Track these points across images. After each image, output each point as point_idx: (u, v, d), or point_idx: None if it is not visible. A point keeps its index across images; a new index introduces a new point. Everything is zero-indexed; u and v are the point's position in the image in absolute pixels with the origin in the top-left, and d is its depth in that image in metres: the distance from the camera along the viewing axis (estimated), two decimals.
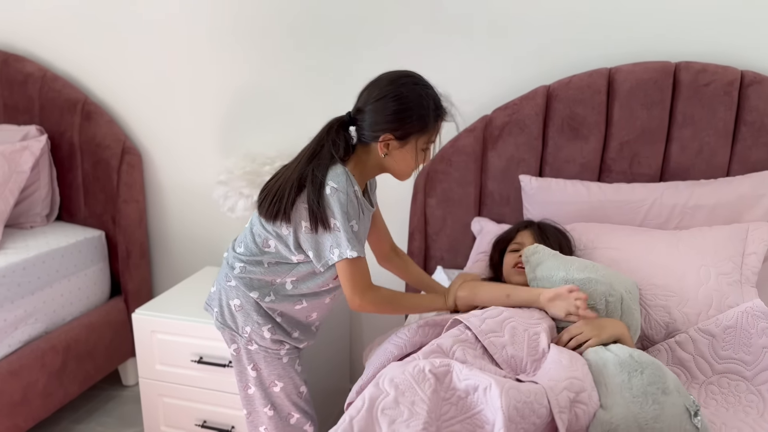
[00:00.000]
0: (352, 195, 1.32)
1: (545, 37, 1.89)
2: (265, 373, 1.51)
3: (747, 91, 1.72)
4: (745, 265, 1.54)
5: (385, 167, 1.39)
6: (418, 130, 1.32)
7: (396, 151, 1.34)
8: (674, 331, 1.47)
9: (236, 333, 1.49)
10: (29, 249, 2.09)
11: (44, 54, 2.40)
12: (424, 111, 1.31)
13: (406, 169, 1.38)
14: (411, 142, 1.33)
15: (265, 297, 1.45)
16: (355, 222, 1.33)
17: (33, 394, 1.98)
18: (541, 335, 1.26)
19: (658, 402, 1.13)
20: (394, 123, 1.31)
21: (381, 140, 1.32)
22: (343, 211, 1.30)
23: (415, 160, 1.37)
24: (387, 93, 1.30)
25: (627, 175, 1.84)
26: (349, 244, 1.31)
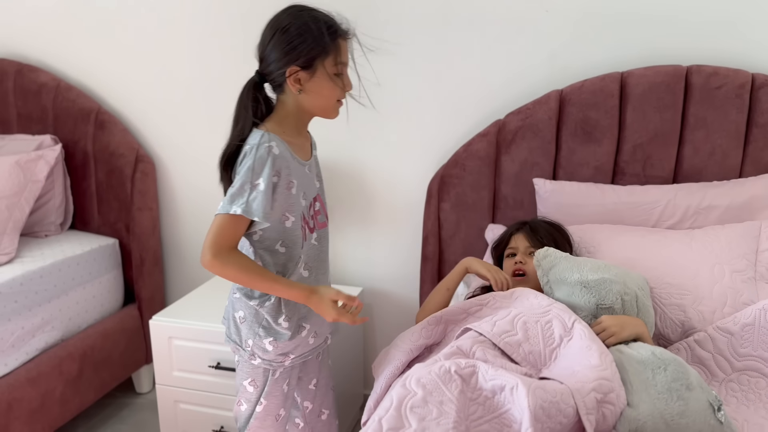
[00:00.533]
0: (262, 150, 1.26)
1: (557, 42, 1.91)
2: (260, 390, 1.45)
3: (758, 94, 1.74)
4: (759, 262, 1.56)
5: (308, 108, 1.34)
6: (320, 52, 1.27)
7: (308, 83, 1.29)
8: (690, 329, 1.49)
9: (240, 347, 1.43)
10: (45, 257, 2.11)
11: (58, 64, 2.42)
12: (317, 31, 1.27)
13: (328, 101, 1.33)
14: (318, 68, 1.28)
15: (265, 302, 1.37)
16: (261, 180, 1.25)
17: (51, 401, 1.99)
18: (553, 322, 1.27)
19: (683, 398, 1.14)
20: (293, 52, 1.27)
21: (289, 76, 1.28)
22: (248, 168, 1.25)
23: (332, 88, 1.31)
24: (275, 29, 1.29)
25: (640, 178, 1.86)
26: (245, 204, 1.24)
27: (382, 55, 2.06)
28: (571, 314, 1.31)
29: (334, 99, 1.34)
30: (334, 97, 1.34)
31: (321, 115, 1.37)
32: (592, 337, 1.24)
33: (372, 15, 2.04)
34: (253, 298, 1.39)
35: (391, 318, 2.30)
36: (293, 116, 1.36)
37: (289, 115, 1.36)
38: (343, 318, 1.32)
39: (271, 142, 1.28)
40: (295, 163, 1.34)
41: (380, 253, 2.25)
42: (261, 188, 1.25)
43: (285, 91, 1.33)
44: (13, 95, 2.40)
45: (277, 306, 1.38)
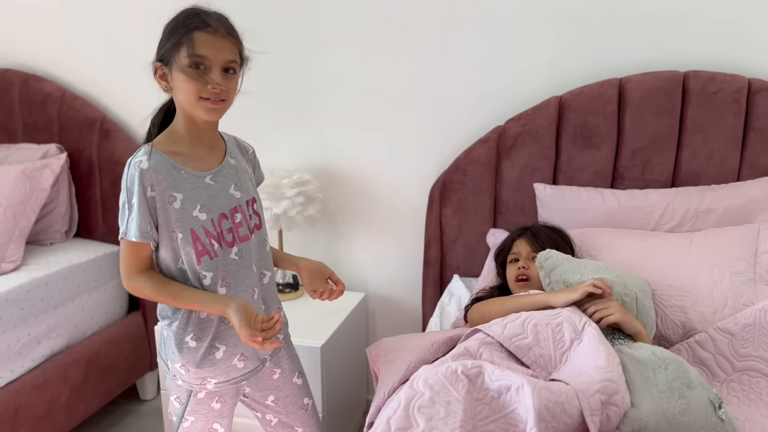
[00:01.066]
0: (131, 168, 1.22)
1: (556, 48, 1.94)
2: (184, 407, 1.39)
3: (755, 98, 1.77)
4: (758, 264, 1.58)
5: (186, 109, 1.26)
6: (173, 44, 1.22)
7: (174, 80, 1.23)
8: (691, 330, 1.50)
9: (166, 365, 1.39)
10: (51, 265, 2.12)
11: (63, 74, 2.45)
12: (173, 24, 1.24)
13: (188, 96, 1.22)
14: (173, 61, 1.22)
15: (173, 321, 1.32)
16: (135, 199, 1.21)
17: (57, 408, 2.00)
18: (563, 325, 1.28)
19: (684, 396, 1.16)
20: (157, 52, 1.26)
21: (154, 72, 1.26)
22: (123, 188, 1.24)
23: (187, 82, 1.21)
24: None
25: (639, 182, 1.89)
26: (125, 226, 1.24)
27: (383, 61, 2.09)
28: (582, 316, 1.31)
29: (193, 96, 1.22)
30: (191, 93, 1.22)
31: (191, 113, 1.26)
32: (601, 339, 1.25)
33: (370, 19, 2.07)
34: (165, 317, 1.34)
35: (394, 323, 2.32)
36: (183, 123, 1.28)
37: (178, 123, 1.29)
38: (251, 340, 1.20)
39: (141, 156, 1.23)
40: (183, 175, 1.25)
41: (382, 258, 2.27)
42: (135, 207, 1.21)
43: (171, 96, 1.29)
44: (19, 105, 2.43)
45: (185, 323, 1.31)
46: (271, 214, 2.03)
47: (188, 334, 1.32)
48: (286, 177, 2.07)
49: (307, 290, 1.47)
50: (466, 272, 2.08)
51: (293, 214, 2.04)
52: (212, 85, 1.21)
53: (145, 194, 1.21)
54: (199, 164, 1.29)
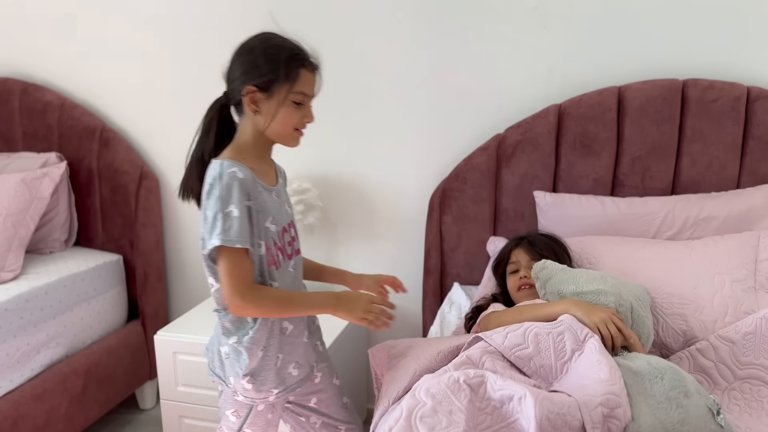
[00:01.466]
0: (226, 178, 1.23)
1: (555, 57, 1.95)
2: (243, 420, 1.40)
3: (754, 106, 1.77)
4: (758, 271, 1.58)
5: (267, 133, 1.32)
6: (279, 78, 1.26)
7: (264, 104, 1.28)
8: (692, 338, 1.50)
9: (223, 382, 1.39)
10: (50, 274, 2.12)
11: (62, 83, 2.45)
12: (280, 57, 1.27)
13: (283, 128, 1.30)
14: (276, 92, 1.27)
15: (243, 337, 1.32)
16: (234, 207, 1.22)
17: (56, 418, 1.99)
18: (565, 334, 1.28)
19: (682, 405, 1.15)
20: (251, 73, 1.27)
21: (245, 94, 1.28)
22: (217, 196, 1.23)
23: (288, 115, 1.29)
24: (241, 51, 1.31)
25: (639, 190, 1.89)
26: (217, 230, 1.21)
27: (383, 72, 2.10)
28: (583, 327, 1.30)
29: (290, 127, 1.31)
30: (289, 124, 1.31)
31: (278, 141, 1.35)
32: (603, 351, 1.24)
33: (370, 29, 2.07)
34: (231, 335, 1.33)
35: (394, 331, 2.31)
36: (252, 141, 1.33)
37: (248, 141, 1.33)
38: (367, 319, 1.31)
39: (232, 168, 1.25)
40: (260, 188, 1.30)
41: (382, 266, 2.26)
42: (235, 215, 1.22)
43: (245, 114, 1.32)
44: (18, 114, 2.43)
45: (257, 338, 1.32)
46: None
47: (260, 348, 1.33)
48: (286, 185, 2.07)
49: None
50: (467, 280, 2.08)
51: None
52: (308, 120, 1.34)
53: (243, 202, 1.24)
54: (266, 179, 1.34)
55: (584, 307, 1.34)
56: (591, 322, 1.31)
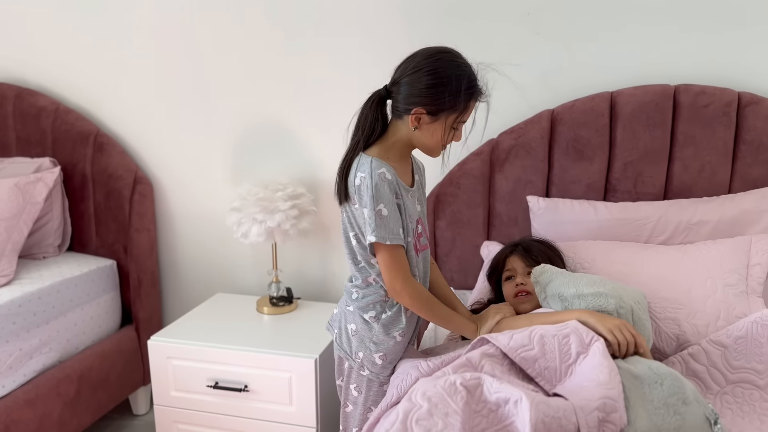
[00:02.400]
0: (376, 178, 1.32)
1: (548, 63, 1.96)
2: (365, 396, 1.50)
3: (745, 112, 1.79)
4: (750, 276, 1.59)
5: (415, 143, 1.40)
6: (450, 107, 1.32)
7: (426, 125, 1.35)
8: (685, 342, 1.51)
9: (350, 357, 1.49)
10: (43, 279, 2.11)
11: (56, 88, 2.45)
12: (458, 88, 1.31)
13: (435, 145, 1.38)
14: (442, 118, 1.34)
15: (381, 314, 1.44)
16: (383, 206, 1.32)
17: (48, 423, 1.98)
18: (570, 337, 1.27)
19: (679, 413, 1.15)
20: (426, 97, 1.32)
21: (413, 113, 1.33)
22: (370, 195, 1.32)
23: (444, 136, 1.36)
24: (423, 66, 1.32)
25: (632, 194, 1.90)
26: (376, 230, 1.32)
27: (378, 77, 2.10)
28: (589, 330, 1.31)
29: (440, 144, 1.39)
30: (440, 142, 1.38)
31: (424, 151, 1.42)
32: (605, 354, 1.24)
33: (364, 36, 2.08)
34: (368, 310, 1.44)
35: None
36: (400, 144, 1.40)
37: (397, 142, 1.40)
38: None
39: (381, 168, 1.33)
40: (401, 188, 1.39)
41: None
42: (384, 213, 1.33)
43: (403, 120, 1.37)
44: (12, 119, 2.42)
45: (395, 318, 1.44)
46: (265, 227, 2.03)
47: (397, 330, 1.44)
48: (280, 190, 2.08)
49: None
50: (460, 285, 2.08)
51: (287, 227, 2.04)
52: (458, 140, 1.41)
53: (393, 201, 1.34)
54: (404, 179, 1.42)
55: (597, 315, 1.35)
56: (605, 328, 1.31)
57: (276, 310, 2.17)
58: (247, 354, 1.90)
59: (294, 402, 1.88)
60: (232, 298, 2.33)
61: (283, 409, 1.90)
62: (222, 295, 2.37)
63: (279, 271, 2.23)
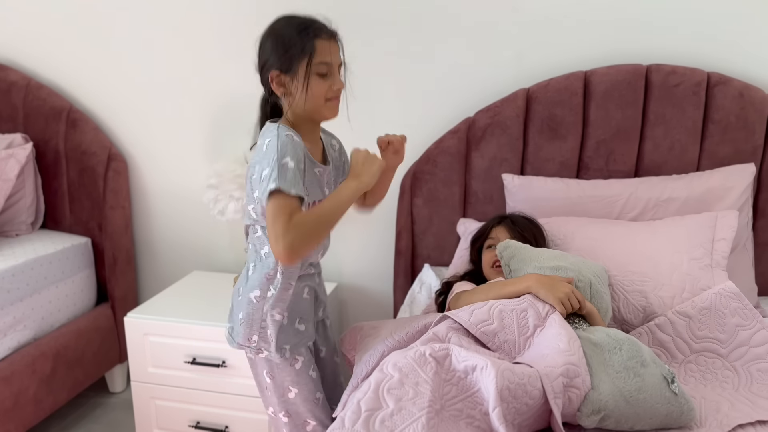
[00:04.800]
0: (283, 137, 1.27)
1: (523, 42, 1.98)
2: (278, 380, 1.46)
3: (713, 91, 1.83)
4: (715, 250, 1.64)
5: (301, 111, 1.35)
6: (296, 54, 1.29)
7: (292, 85, 1.32)
8: (651, 314, 1.56)
9: (245, 346, 1.44)
10: (17, 256, 2.09)
11: (28, 63, 2.40)
12: (293, 34, 1.30)
13: (315, 101, 1.32)
14: (298, 69, 1.30)
15: (266, 292, 1.38)
16: (289, 159, 1.25)
17: (24, 400, 1.97)
18: (528, 311, 1.32)
19: (639, 374, 1.21)
20: (270, 58, 1.32)
21: (271, 81, 1.32)
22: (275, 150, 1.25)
23: (318, 87, 1.31)
24: (259, 40, 1.35)
25: (603, 172, 1.94)
26: (278, 178, 1.22)
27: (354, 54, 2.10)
28: (545, 303, 1.35)
29: (321, 99, 1.33)
30: (320, 96, 1.32)
31: (315, 116, 1.37)
32: (563, 324, 1.29)
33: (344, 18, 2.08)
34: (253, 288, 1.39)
35: (366, 312, 2.34)
36: (294, 121, 1.37)
37: (291, 122, 1.36)
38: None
39: (288, 131, 1.29)
40: (308, 159, 1.34)
41: (354, 248, 2.29)
42: (290, 165, 1.24)
43: (280, 98, 1.37)
44: None
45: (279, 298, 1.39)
46: (242, 205, 2.03)
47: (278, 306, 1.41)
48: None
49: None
50: (437, 261, 2.11)
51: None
52: (338, 86, 1.35)
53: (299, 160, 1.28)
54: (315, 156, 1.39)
55: (546, 283, 1.38)
56: (555, 297, 1.35)
57: None
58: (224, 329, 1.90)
59: None
60: (209, 276, 2.33)
61: None
62: (198, 272, 2.37)
63: None
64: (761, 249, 1.88)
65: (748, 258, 1.80)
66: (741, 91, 1.81)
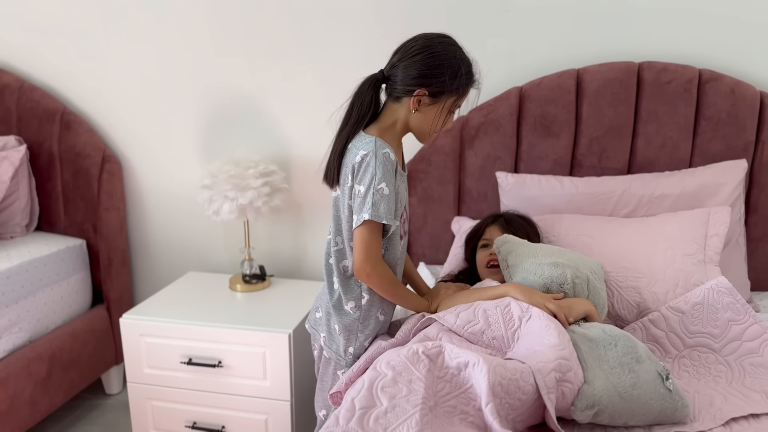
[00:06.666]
0: (381, 157, 1.32)
1: (517, 40, 1.99)
2: None
3: (705, 88, 1.84)
4: (708, 246, 1.65)
5: (411, 126, 1.40)
6: (450, 90, 1.34)
7: (426, 107, 1.36)
8: (645, 310, 1.57)
9: (341, 357, 1.48)
10: (11, 258, 2.09)
11: (21, 65, 2.41)
12: (459, 71, 1.34)
13: (431, 129, 1.39)
14: (441, 101, 1.35)
15: (361, 300, 1.44)
16: (384, 185, 1.32)
17: (20, 402, 1.97)
18: (511, 305, 1.33)
19: (634, 371, 1.21)
20: (429, 78, 1.33)
21: (415, 95, 1.34)
22: (371, 173, 1.31)
23: (441, 120, 1.38)
24: (424, 49, 1.33)
25: (597, 169, 1.95)
26: (372, 208, 1.31)
27: (348, 56, 2.11)
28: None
29: (434, 130, 1.40)
30: (436, 128, 1.40)
31: (418, 136, 1.43)
32: (549, 316, 1.30)
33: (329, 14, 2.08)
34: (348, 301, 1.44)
35: None
36: (397, 128, 1.40)
37: (393, 126, 1.40)
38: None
39: (386, 148, 1.33)
40: (398, 171, 1.38)
41: None
42: (385, 192, 1.32)
43: (401, 103, 1.38)
44: None
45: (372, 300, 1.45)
46: (237, 205, 2.03)
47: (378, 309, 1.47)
48: (252, 167, 2.08)
49: None
50: (432, 260, 2.12)
51: (259, 204, 2.04)
52: (449, 126, 1.43)
53: (393, 182, 1.34)
54: (400, 163, 1.42)
55: (525, 291, 1.39)
56: (532, 302, 1.35)
57: (249, 287, 2.18)
58: (221, 330, 1.91)
59: (269, 377, 1.91)
60: (205, 277, 2.34)
61: (257, 383, 1.92)
62: (194, 273, 2.37)
63: (251, 248, 2.24)
64: (753, 244, 1.89)
65: (740, 253, 1.81)
66: (732, 87, 1.82)
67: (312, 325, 1.55)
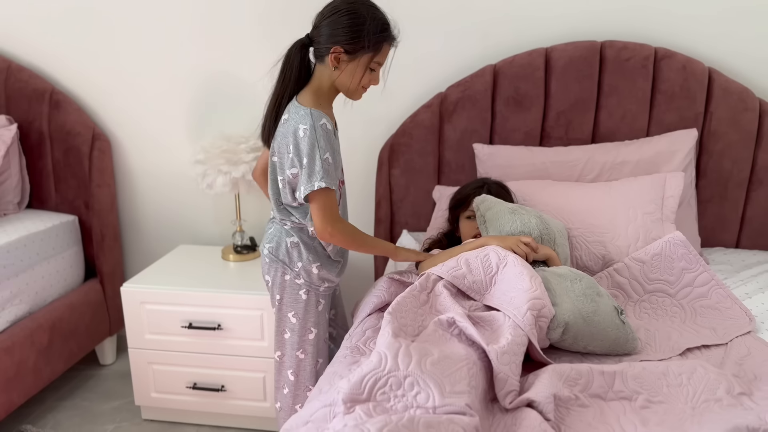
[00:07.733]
0: (320, 129, 1.46)
1: (490, 21, 2.14)
2: (302, 320, 1.65)
3: (660, 65, 2.03)
4: (665, 206, 1.85)
5: (337, 84, 1.52)
6: (366, 47, 1.45)
7: (345, 65, 1.47)
8: (609, 261, 1.77)
9: (288, 267, 1.62)
10: (8, 233, 2.16)
11: (7, 46, 2.44)
12: (374, 29, 1.44)
13: (355, 86, 1.51)
14: (359, 57, 1.46)
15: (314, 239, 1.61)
16: (329, 155, 1.46)
17: (25, 370, 2.06)
18: (489, 254, 1.50)
19: (595, 301, 1.41)
20: (345, 35, 1.44)
21: (332, 52, 1.45)
22: (313, 145, 1.45)
23: (360, 76, 1.49)
24: (341, 8, 1.45)
25: (564, 140, 2.13)
26: (320, 175, 1.44)
27: None
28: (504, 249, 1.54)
29: (358, 84, 1.51)
30: (358, 82, 1.50)
31: (346, 94, 1.55)
32: (524, 263, 1.47)
33: None
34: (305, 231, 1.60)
35: (348, 276, 2.48)
36: (326, 89, 1.53)
37: (322, 88, 1.53)
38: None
39: (322, 119, 1.47)
40: (335, 134, 1.52)
41: None
42: (330, 161, 1.46)
43: (324, 63, 1.49)
44: None
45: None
46: (230, 178, 2.14)
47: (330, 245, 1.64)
48: (243, 143, 2.19)
49: None
50: (414, 227, 2.27)
51: (251, 177, 2.15)
52: (375, 83, 1.54)
53: (333, 150, 1.48)
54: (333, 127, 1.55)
55: (498, 237, 1.59)
56: (507, 246, 1.54)
57: (241, 257, 2.30)
58: (220, 295, 2.03)
59: (266, 337, 2.04)
60: (196, 249, 2.44)
61: (255, 344, 2.05)
62: (185, 246, 2.47)
63: (243, 221, 2.35)
64: (703, 206, 2.10)
65: (692, 213, 2.02)
66: (684, 64, 2.02)
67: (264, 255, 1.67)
